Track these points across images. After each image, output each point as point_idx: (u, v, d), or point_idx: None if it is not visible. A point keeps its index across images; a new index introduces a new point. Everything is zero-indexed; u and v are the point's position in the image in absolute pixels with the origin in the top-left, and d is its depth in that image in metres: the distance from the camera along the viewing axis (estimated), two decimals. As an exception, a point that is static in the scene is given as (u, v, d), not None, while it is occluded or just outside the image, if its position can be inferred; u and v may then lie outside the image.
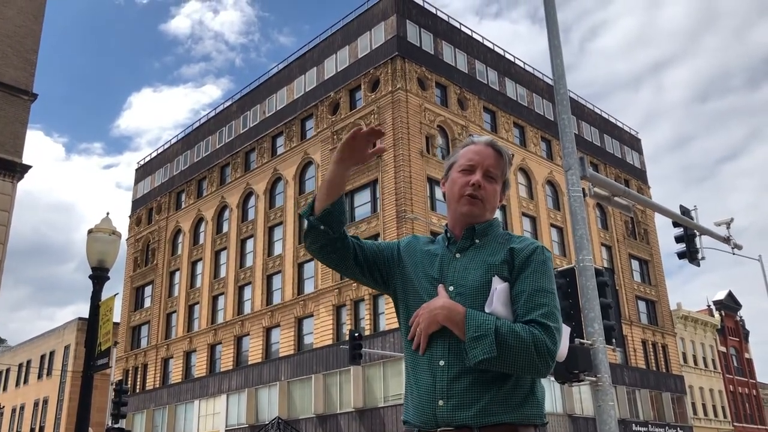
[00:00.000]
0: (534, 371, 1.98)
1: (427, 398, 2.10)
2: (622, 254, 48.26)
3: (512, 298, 2.09)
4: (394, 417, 31.25)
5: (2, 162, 14.48)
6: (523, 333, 1.97)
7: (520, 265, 2.13)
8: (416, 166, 35.51)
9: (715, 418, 52.38)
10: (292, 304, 38.56)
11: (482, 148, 2.29)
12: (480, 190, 2.24)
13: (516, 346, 1.95)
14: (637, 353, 45.66)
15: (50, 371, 55.41)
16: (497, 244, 2.22)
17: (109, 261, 9.71)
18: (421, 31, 39.53)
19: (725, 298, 60.19)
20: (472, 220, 2.26)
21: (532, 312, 2.03)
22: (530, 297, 2.06)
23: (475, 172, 2.25)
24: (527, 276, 2.10)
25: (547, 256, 2.17)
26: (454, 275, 2.19)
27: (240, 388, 39.50)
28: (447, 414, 2.04)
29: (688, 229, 15.09)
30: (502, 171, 2.30)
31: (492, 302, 2.07)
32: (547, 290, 2.09)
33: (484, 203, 2.25)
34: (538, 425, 2.08)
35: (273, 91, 45.43)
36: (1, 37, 15.25)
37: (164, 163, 53.67)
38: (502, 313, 2.05)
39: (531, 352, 1.95)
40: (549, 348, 1.97)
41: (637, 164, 54.81)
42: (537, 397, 2.08)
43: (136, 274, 52.28)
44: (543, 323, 2.00)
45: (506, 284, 2.11)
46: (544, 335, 1.98)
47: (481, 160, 2.27)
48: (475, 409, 2.01)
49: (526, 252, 2.15)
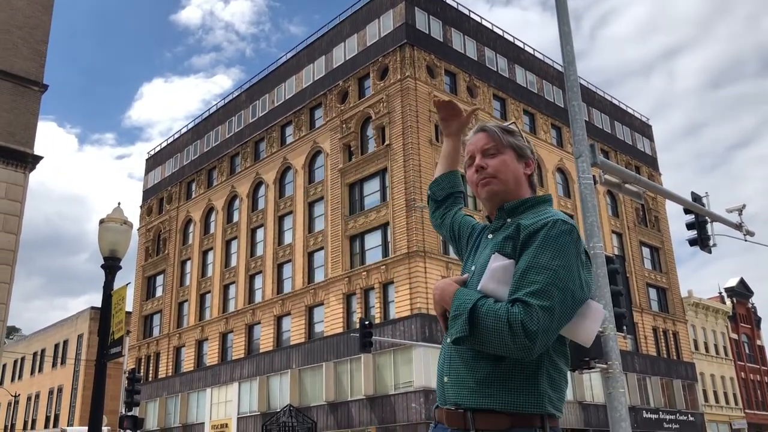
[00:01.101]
0: (508, 352, 1.89)
1: (439, 374, 2.17)
2: (633, 241, 48.06)
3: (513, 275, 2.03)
4: (404, 404, 31.38)
5: (14, 153, 14.58)
6: (500, 311, 1.88)
7: (524, 241, 2.04)
8: (425, 155, 35.43)
9: (727, 405, 52.27)
10: (303, 293, 38.71)
11: (473, 137, 2.34)
12: (485, 170, 2.25)
13: (490, 326, 1.88)
14: (648, 340, 45.56)
15: (64, 360, 56.00)
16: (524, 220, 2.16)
17: (120, 251, 9.77)
18: (430, 18, 39.31)
19: (737, 285, 59.89)
20: (498, 200, 2.25)
21: (519, 290, 1.93)
22: (523, 274, 1.96)
23: (475, 159, 2.29)
24: (528, 253, 2.00)
25: (563, 230, 2.02)
26: (479, 255, 2.22)
27: (251, 376, 39.77)
28: (449, 391, 2.08)
29: (699, 216, 15.00)
30: (500, 142, 2.27)
31: (484, 280, 2.03)
32: (545, 266, 1.94)
33: (497, 177, 2.23)
34: (546, 415, 1.97)
35: (282, 81, 45.40)
36: (11, 28, 15.31)
37: (174, 153, 53.84)
38: (495, 290, 1.99)
39: (504, 333, 1.85)
40: (526, 327, 1.84)
41: (648, 151, 54.45)
42: (540, 386, 1.97)
43: (147, 263, 52.61)
44: (526, 302, 1.88)
45: (508, 262, 2.04)
46: (522, 315, 1.85)
47: (474, 147, 2.31)
48: (470, 388, 2.01)
49: (533, 227, 2.05)
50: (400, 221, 34.23)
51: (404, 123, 35.62)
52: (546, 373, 2.00)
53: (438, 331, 31.89)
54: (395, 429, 31.58)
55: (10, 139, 14.58)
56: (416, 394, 30.90)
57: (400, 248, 33.77)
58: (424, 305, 32.15)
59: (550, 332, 1.90)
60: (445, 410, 2.09)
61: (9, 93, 14.85)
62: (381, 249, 35.35)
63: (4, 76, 14.93)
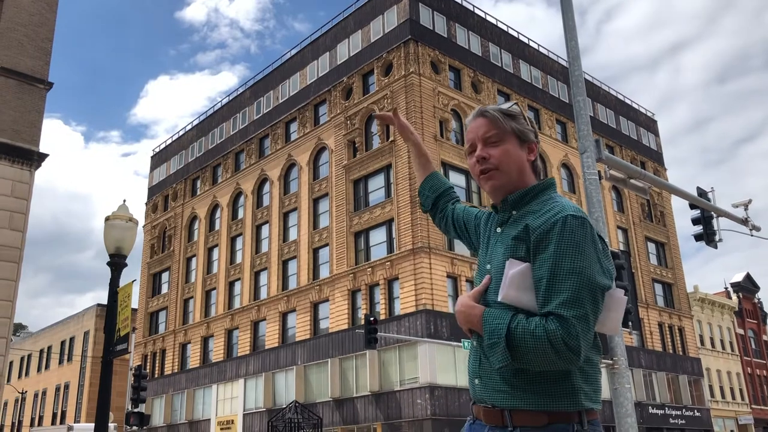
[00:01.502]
0: (555, 367, 1.89)
1: (471, 377, 2.13)
2: (639, 237, 47.94)
3: (534, 281, 1.95)
4: (410, 400, 31.42)
5: (19, 150, 14.62)
6: (537, 331, 1.85)
7: (536, 244, 1.97)
8: (430, 151, 35.34)
9: (733, 400, 52.17)
10: (308, 289, 38.75)
11: (473, 123, 2.23)
12: (488, 161, 2.15)
13: (531, 347, 1.85)
14: (654, 336, 45.48)
15: (71, 357, 56.24)
16: (531, 215, 2.07)
17: (126, 248, 9.79)
18: (434, 14, 39.23)
19: (743, 280, 59.71)
20: (502, 192, 2.17)
21: (549, 302, 1.89)
22: (549, 284, 1.90)
23: (476, 148, 2.20)
24: (546, 259, 1.93)
25: (574, 225, 1.94)
26: (492, 252, 2.15)
27: (257, 372, 39.87)
28: (481, 393, 2.06)
29: (705, 211, 14.95)
30: (503, 128, 2.15)
31: (504, 289, 1.96)
32: (569, 271, 1.89)
33: (500, 169, 2.14)
34: (584, 411, 1.97)
35: (286, 77, 45.40)
36: (15, 26, 15.34)
37: (179, 150, 53.92)
38: (518, 299, 1.94)
39: (547, 352, 1.84)
40: (567, 343, 1.83)
41: (653, 146, 54.28)
42: (572, 382, 1.96)
43: (153, 260, 52.75)
44: (560, 315, 1.85)
45: (524, 266, 1.97)
46: (560, 330, 1.83)
47: (475, 134, 2.20)
48: (503, 391, 1.98)
49: (543, 228, 1.97)
50: (404, 217, 34.22)
51: (408, 119, 35.56)
52: (578, 368, 1.98)
53: (443, 327, 31.92)
54: (401, 425, 31.62)
55: (15, 136, 14.62)
56: (422, 390, 30.92)
57: (404, 244, 33.77)
58: (429, 301, 32.15)
59: (589, 337, 1.91)
60: (482, 408, 2.07)
61: (14, 91, 14.89)
62: (386, 245, 35.36)
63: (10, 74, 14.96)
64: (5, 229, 14.41)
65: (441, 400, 30.78)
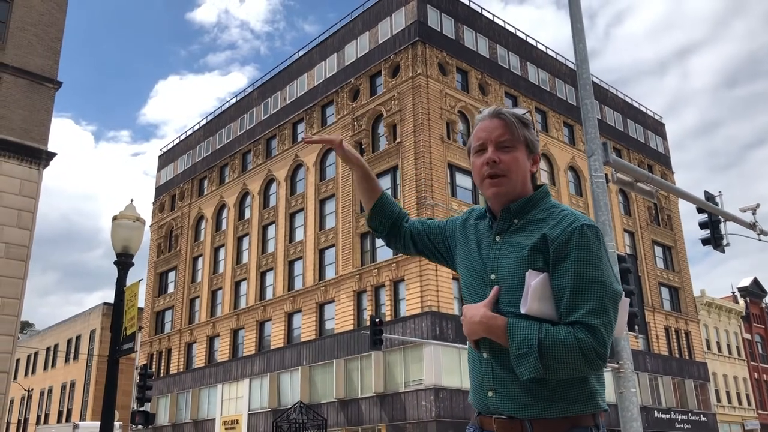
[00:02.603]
0: (583, 374, 1.93)
1: (480, 388, 2.08)
2: (645, 240, 47.79)
3: (554, 290, 1.96)
4: (414, 402, 31.39)
5: (28, 149, 14.69)
6: (568, 341, 1.86)
7: (556, 254, 1.97)
8: (437, 153, 35.38)
9: (739, 405, 51.89)
10: (314, 290, 38.79)
11: (488, 122, 2.15)
12: (498, 166, 2.10)
13: (563, 357, 1.87)
14: (660, 340, 45.30)
15: (77, 355, 56.43)
16: (536, 223, 2.06)
17: (133, 247, 9.83)
18: (442, 15, 39.22)
19: (750, 284, 59.43)
20: (504, 199, 2.13)
21: (575, 311, 1.90)
22: (573, 294, 1.92)
23: (487, 149, 2.13)
24: (568, 269, 1.94)
25: (590, 235, 1.96)
26: (495, 262, 2.09)
27: (262, 372, 39.91)
28: (497, 405, 2.01)
29: (712, 215, 14.90)
30: (517, 135, 2.11)
31: (527, 301, 1.95)
32: (592, 280, 1.92)
33: (508, 176, 2.10)
34: (596, 413, 2.00)
35: (294, 78, 45.47)
36: (26, 25, 15.42)
37: (187, 150, 54.07)
38: (541, 309, 1.94)
39: (579, 360, 1.87)
40: (597, 351, 1.87)
41: (661, 149, 54.10)
42: (590, 385, 1.99)
43: (159, 260, 52.90)
44: (588, 324, 1.88)
45: (543, 276, 1.97)
46: (590, 338, 1.87)
47: (488, 135, 2.13)
48: (522, 401, 1.96)
49: (562, 237, 1.97)
50: (411, 219, 34.17)
51: (415, 120, 35.58)
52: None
53: (449, 329, 31.87)
54: (405, 427, 31.60)
55: (24, 135, 14.70)
56: (426, 392, 30.90)
57: (411, 246, 33.70)
58: (435, 303, 32.12)
59: (611, 342, 1.97)
60: (496, 419, 2.02)
61: (24, 90, 14.96)
62: (392, 247, 35.31)
63: (19, 73, 15.05)
64: (13, 228, 14.49)
65: (446, 402, 30.75)
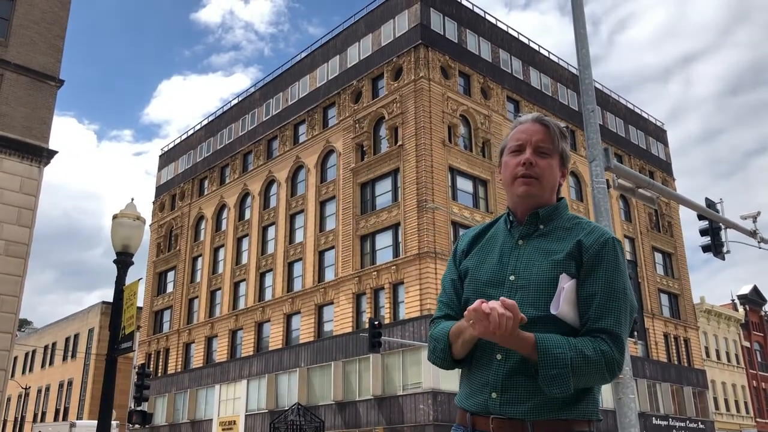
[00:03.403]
0: (602, 383, 1.99)
1: (481, 389, 2.05)
2: (646, 247, 47.76)
3: (580, 297, 2.00)
4: (412, 405, 31.35)
5: (29, 147, 14.69)
6: (595, 357, 1.91)
7: (589, 262, 2.02)
8: (438, 156, 35.37)
9: (738, 413, 51.81)
10: (313, 292, 38.76)
11: (529, 125, 2.21)
12: (533, 168, 2.14)
13: (591, 373, 1.92)
14: (659, 346, 45.25)
15: (74, 354, 56.39)
16: (563, 231, 2.12)
17: (133, 246, 9.82)
18: (445, 19, 39.25)
19: (750, 292, 59.37)
20: (532, 202, 2.17)
21: (602, 319, 1.96)
22: (601, 301, 1.98)
23: (525, 150, 2.17)
24: (598, 277, 2.01)
25: (617, 248, 2.06)
26: (517, 264, 2.09)
27: (260, 373, 39.87)
28: (500, 406, 2.00)
29: (713, 222, 14.88)
30: (555, 145, 2.18)
31: (559, 304, 1.98)
32: (620, 290, 2.00)
33: (540, 181, 2.15)
34: (593, 421, 2.04)
35: (296, 79, 45.49)
36: (28, 23, 15.42)
37: (187, 149, 54.07)
38: (569, 314, 1.98)
39: (603, 373, 1.93)
40: (618, 362, 1.94)
41: (662, 156, 54.09)
42: (594, 393, 2.04)
43: (159, 259, 52.87)
44: (612, 333, 1.95)
45: (573, 282, 2.01)
46: (613, 350, 1.93)
47: (528, 138, 2.18)
48: (528, 404, 1.97)
49: (596, 246, 2.04)
50: (411, 222, 34.20)
51: (417, 124, 35.58)
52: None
53: (447, 333, 31.78)
54: (403, 430, 31.54)
55: (26, 133, 14.70)
56: (425, 395, 30.85)
57: (410, 249, 33.73)
58: (434, 306, 32.08)
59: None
60: (494, 419, 2.00)
61: (26, 88, 14.97)
62: (392, 249, 35.33)
63: (22, 71, 15.05)
64: (13, 225, 14.48)
65: (444, 405, 30.70)
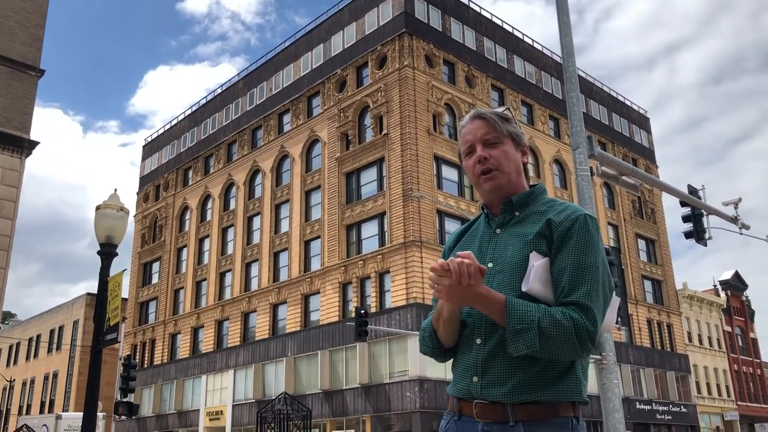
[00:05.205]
0: (575, 356, 1.95)
1: (464, 374, 2.09)
2: (629, 233, 48.15)
3: (553, 274, 2.01)
4: (399, 393, 31.51)
5: (10, 138, 14.53)
6: (564, 321, 1.90)
7: (559, 239, 2.04)
8: (423, 145, 35.38)
9: (719, 397, 52.60)
10: (299, 281, 38.74)
11: (470, 125, 2.25)
12: (488, 161, 2.18)
13: (558, 336, 1.89)
14: (642, 332, 45.75)
15: (60, 346, 56.03)
16: (537, 215, 2.14)
17: (117, 237, 9.76)
18: (429, 7, 39.13)
19: (731, 278, 60.13)
20: (502, 193, 2.20)
21: (573, 292, 1.96)
22: (572, 276, 1.98)
23: (476, 149, 2.22)
24: (568, 251, 2.01)
25: (591, 225, 2.06)
26: (494, 251, 2.14)
27: (247, 363, 39.86)
28: (481, 390, 2.03)
29: (695, 209, 15.03)
30: (500, 130, 2.21)
31: (529, 280, 2.00)
32: (590, 265, 1.99)
33: (500, 169, 2.18)
34: (577, 403, 2.02)
35: (280, 68, 45.21)
36: (7, 12, 15.21)
37: (171, 139, 53.66)
38: (540, 291, 1.99)
39: (573, 341, 1.90)
40: (589, 331, 1.91)
41: (646, 143, 54.46)
42: (576, 374, 2.02)
43: (143, 250, 52.56)
44: (583, 305, 1.94)
45: (545, 260, 2.03)
46: (584, 319, 1.92)
47: (474, 136, 2.23)
48: (508, 386, 1.98)
49: (566, 224, 2.05)
50: (396, 211, 34.23)
51: (402, 112, 35.54)
52: (579, 361, 2.05)
53: (433, 321, 31.94)
54: (390, 417, 31.72)
55: (6, 124, 14.53)
56: (411, 383, 31.02)
57: (396, 238, 33.78)
58: (420, 295, 32.20)
59: (599, 328, 1.98)
60: (477, 403, 2.03)
61: (5, 78, 14.78)
62: (377, 238, 35.36)
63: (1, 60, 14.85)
64: (-5, 217, 14.32)
65: (430, 393, 30.89)
